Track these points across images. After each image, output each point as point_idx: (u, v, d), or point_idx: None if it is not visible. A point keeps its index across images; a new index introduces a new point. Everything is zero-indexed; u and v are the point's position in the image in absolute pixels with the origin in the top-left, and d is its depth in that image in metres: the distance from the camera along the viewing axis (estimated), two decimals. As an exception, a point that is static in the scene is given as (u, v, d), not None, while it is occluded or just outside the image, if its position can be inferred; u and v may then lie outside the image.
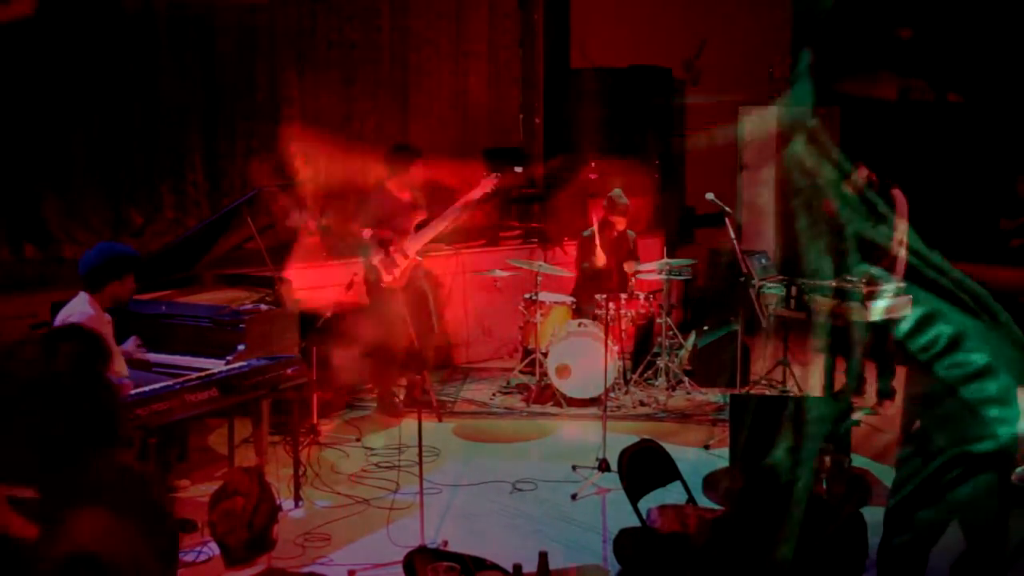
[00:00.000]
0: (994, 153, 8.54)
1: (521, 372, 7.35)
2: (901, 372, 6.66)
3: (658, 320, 7.30)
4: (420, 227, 6.54)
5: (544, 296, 7.10)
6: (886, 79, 9.59)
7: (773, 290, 6.61)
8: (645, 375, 7.36)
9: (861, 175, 6.82)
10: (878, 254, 6.72)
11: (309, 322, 5.99)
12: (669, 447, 4.44)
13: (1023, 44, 8.84)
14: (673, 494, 4.25)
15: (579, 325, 6.89)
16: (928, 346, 3.52)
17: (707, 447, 6.00)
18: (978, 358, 3.45)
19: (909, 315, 3.78)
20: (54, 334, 2.22)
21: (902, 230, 6.76)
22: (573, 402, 6.86)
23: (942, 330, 3.50)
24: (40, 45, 6.48)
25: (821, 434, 4.58)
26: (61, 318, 4.63)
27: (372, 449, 5.96)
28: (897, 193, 6.79)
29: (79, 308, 4.61)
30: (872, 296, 5.96)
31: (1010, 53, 8.88)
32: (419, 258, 6.60)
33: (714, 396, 7.09)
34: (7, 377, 2.19)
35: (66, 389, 2.17)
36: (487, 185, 6.56)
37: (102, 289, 4.65)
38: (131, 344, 5.10)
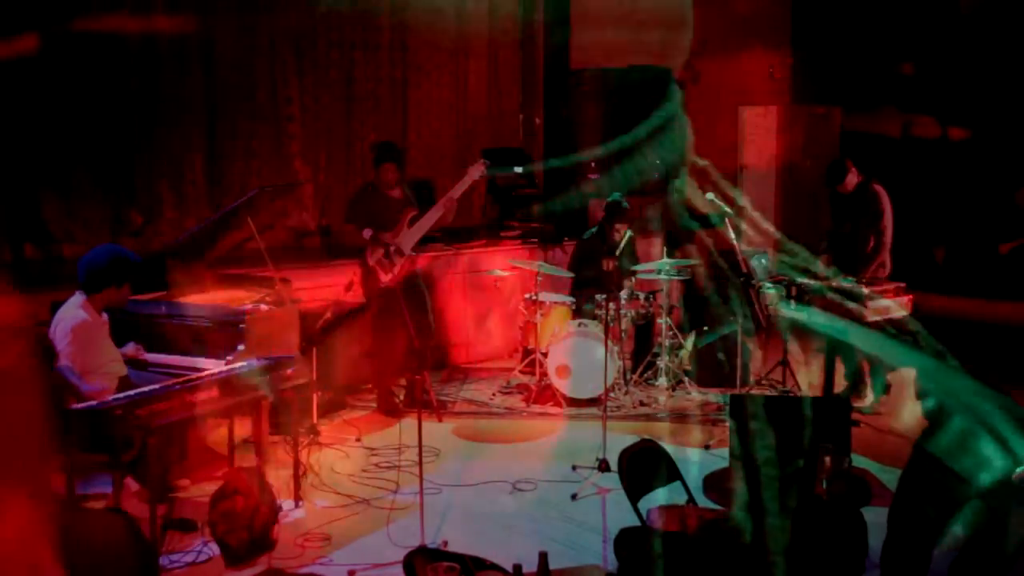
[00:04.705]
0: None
1: (521, 372, 7.35)
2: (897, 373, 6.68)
3: (658, 320, 7.30)
4: (413, 223, 6.54)
5: (544, 296, 7.10)
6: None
7: (773, 290, 6.62)
8: (645, 375, 7.36)
9: (852, 176, 6.83)
10: (868, 255, 6.74)
11: (309, 322, 5.99)
12: (669, 447, 4.44)
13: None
14: (673, 494, 4.25)
15: (579, 325, 6.90)
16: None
17: (707, 447, 6.00)
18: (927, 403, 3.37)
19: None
20: None
21: (888, 227, 6.77)
22: (573, 402, 6.86)
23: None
24: (40, 45, 6.48)
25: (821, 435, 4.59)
26: (56, 320, 4.63)
27: (372, 449, 5.96)
28: (879, 189, 6.78)
29: (71, 313, 4.60)
30: (871, 296, 5.97)
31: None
32: (415, 254, 6.59)
33: (714, 396, 7.09)
34: None
35: None
36: (475, 172, 6.55)
37: (99, 292, 4.65)
38: (131, 348, 5.10)
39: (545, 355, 6.91)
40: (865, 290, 6.09)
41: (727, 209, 6.86)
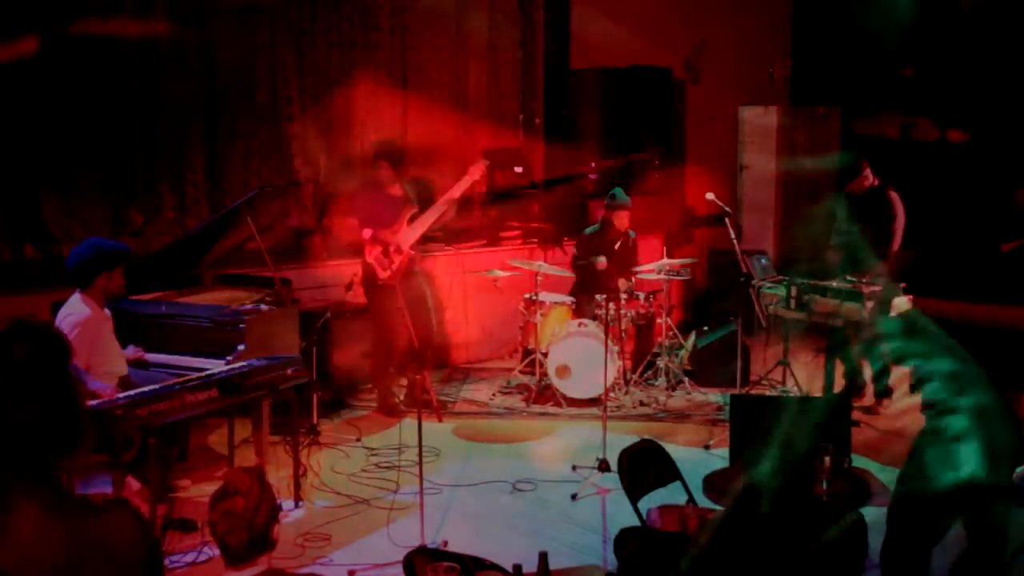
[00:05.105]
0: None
1: (521, 372, 7.35)
2: (898, 371, 6.68)
3: (658, 320, 7.30)
4: (413, 220, 6.54)
5: (544, 296, 7.10)
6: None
7: (773, 290, 6.62)
8: (645, 375, 7.36)
9: (866, 178, 6.82)
10: (877, 256, 6.74)
11: (309, 322, 5.99)
12: (669, 447, 4.45)
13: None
14: (673, 494, 4.25)
15: (579, 325, 6.90)
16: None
17: (707, 447, 6.00)
18: (947, 396, 3.41)
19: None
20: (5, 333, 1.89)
21: (899, 232, 6.78)
22: (573, 402, 6.86)
23: (918, 365, 3.51)
24: (40, 45, 6.48)
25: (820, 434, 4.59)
26: (58, 320, 4.63)
27: (372, 449, 5.96)
28: (893, 195, 6.79)
29: (75, 309, 4.60)
30: (871, 298, 5.97)
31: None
32: (413, 252, 6.59)
33: (714, 396, 7.09)
34: None
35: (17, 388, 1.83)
36: (476, 172, 6.55)
37: (91, 284, 4.64)
38: (131, 351, 5.10)
39: (545, 355, 6.91)
40: (865, 291, 6.09)
41: (727, 209, 6.86)
